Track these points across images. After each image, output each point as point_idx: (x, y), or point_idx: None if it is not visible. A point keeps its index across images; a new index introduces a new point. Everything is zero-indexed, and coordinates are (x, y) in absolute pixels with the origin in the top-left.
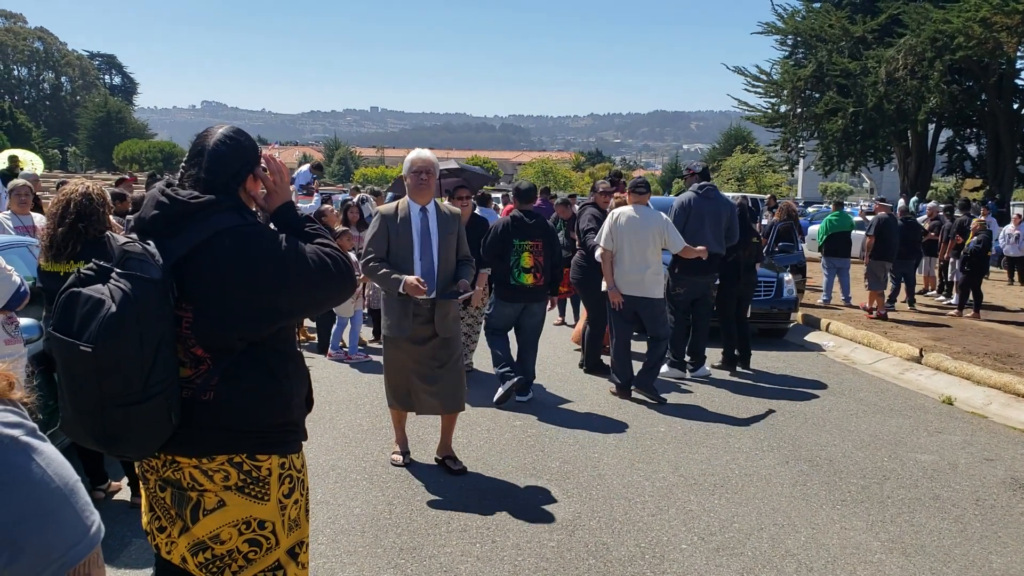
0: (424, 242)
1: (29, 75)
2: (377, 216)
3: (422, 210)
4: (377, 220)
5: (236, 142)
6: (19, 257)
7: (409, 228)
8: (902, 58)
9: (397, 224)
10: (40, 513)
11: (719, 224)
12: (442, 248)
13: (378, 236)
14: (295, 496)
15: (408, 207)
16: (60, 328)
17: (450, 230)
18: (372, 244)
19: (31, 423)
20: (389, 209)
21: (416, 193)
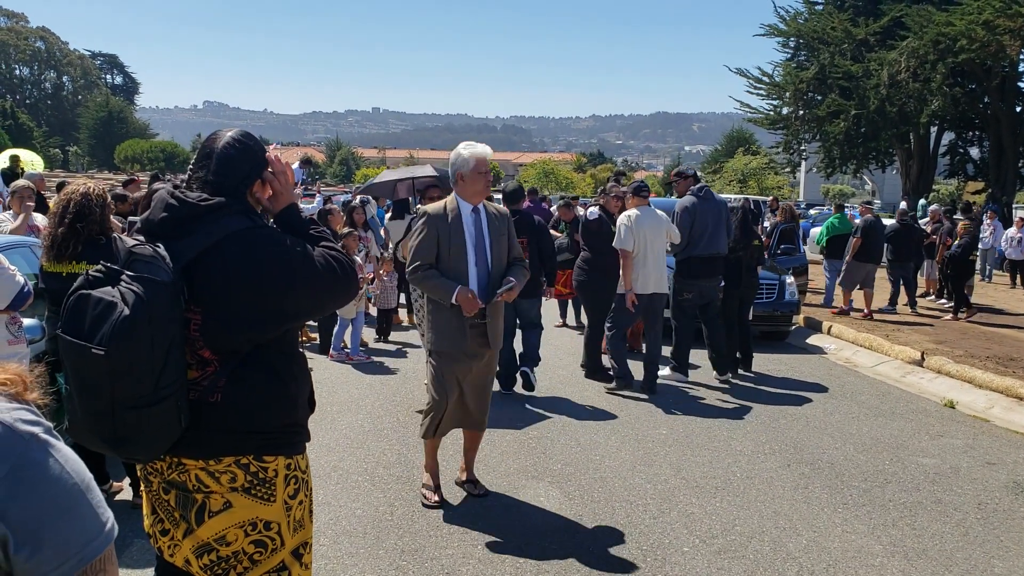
0: (478, 246)
1: (31, 74)
2: (422, 218)
3: (474, 211)
4: (423, 223)
5: (244, 146)
6: (21, 257)
7: (461, 231)
8: (904, 61)
9: (448, 226)
10: (60, 509)
11: (721, 224)
12: (495, 252)
13: (427, 241)
14: (300, 497)
15: (458, 207)
16: (70, 330)
17: (501, 231)
18: (421, 250)
19: (47, 422)
20: (436, 209)
21: (472, 193)
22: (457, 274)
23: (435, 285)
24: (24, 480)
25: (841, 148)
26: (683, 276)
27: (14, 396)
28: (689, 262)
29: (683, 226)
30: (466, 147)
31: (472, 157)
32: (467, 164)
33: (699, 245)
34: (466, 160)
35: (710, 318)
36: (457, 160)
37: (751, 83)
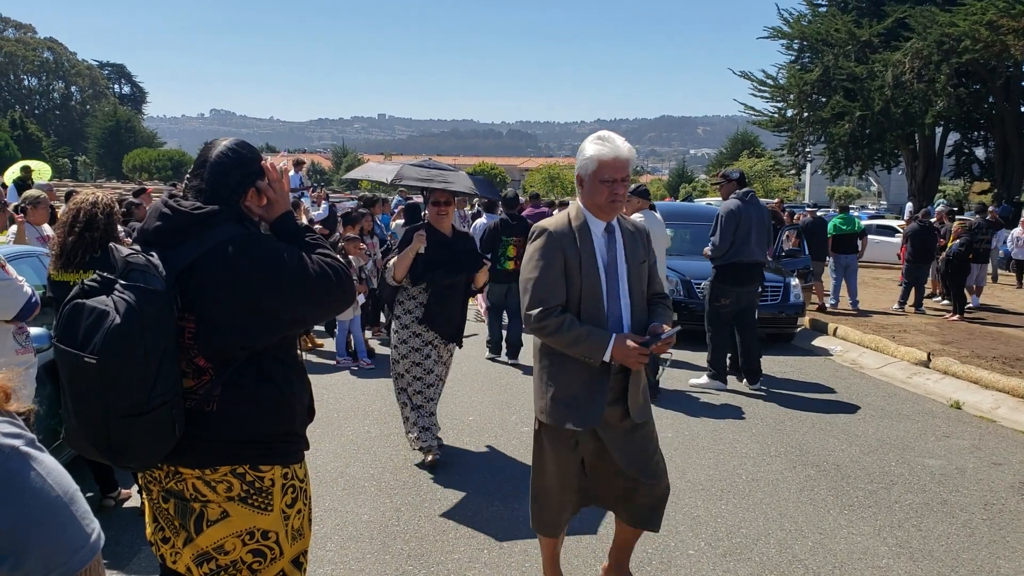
0: (612, 277)
1: (39, 85)
2: (542, 236)
3: (607, 229)
4: (543, 244)
5: (238, 154)
6: (29, 267)
7: (594, 257)
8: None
9: (577, 251)
10: (42, 521)
11: (764, 231)
12: (635, 286)
13: (553, 272)
14: (298, 506)
15: (586, 223)
16: (64, 339)
17: (640, 256)
18: (545, 285)
19: (30, 434)
20: (560, 226)
21: (595, 206)
22: (589, 318)
23: (579, 336)
24: (3, 493)
25: (846, 149)
26: (722, 282)
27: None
28: (730, 268)
29: (726, 231)
30: (593, 141)
31: (596, 158)
32: (587, 166)
33: (742, 251)
34: (587, 160)
35: (745, 325)
36: (579, 158)
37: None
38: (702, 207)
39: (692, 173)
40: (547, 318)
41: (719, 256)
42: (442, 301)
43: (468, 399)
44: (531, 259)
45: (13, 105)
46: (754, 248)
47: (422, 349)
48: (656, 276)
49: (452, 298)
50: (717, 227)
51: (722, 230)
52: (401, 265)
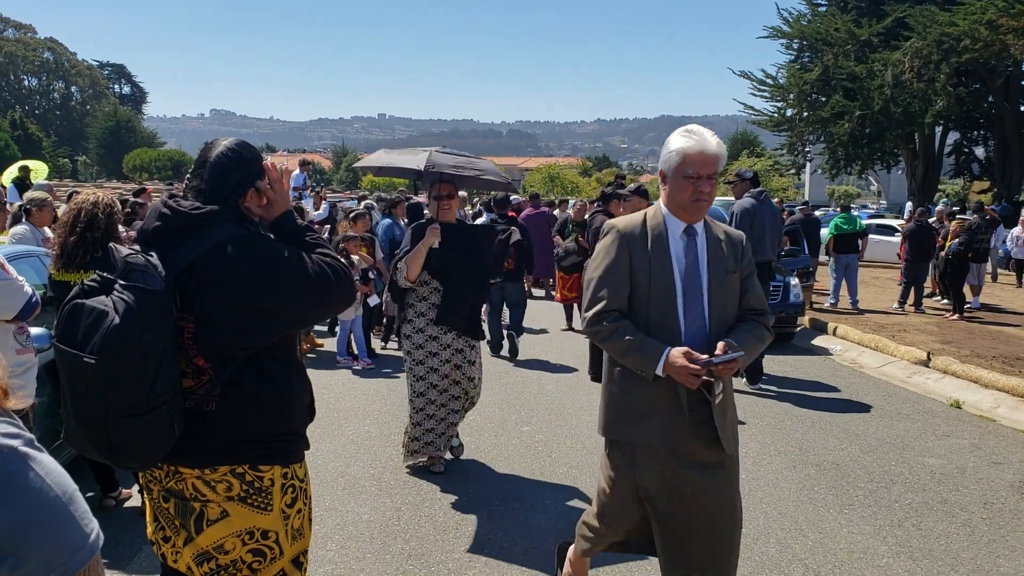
0: (691, 285)
1: (39, 85)
2: (609, 235)
3: (687, 232)
4: (609, 243)
5: (238, 154)
6: (30, 267)
7: (668, 262)
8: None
9: (647, 252)
10: (40, 521)
11: (776, 230)
12: (717, 297)
13: (616, 274)
14: (298, 506)
15: (663, 223)
16: (64, 339)
17: (728, 266)
18: (606, 287)
19: (28, 434)
20: (631, 226)
21: (677, 205)
22: (660, 328)
23: (630, 346)
24: (2, 493)
25: (846, 149)
26: None
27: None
28: None
29: (740, 228)
30: (680, 134)
31: (681, 151)
32: (671, 160)
33: (756, 250)
34: (671, 154)
35: None
36: (663, 152)
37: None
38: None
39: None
40: (600, 322)
41: None
42: (455, 297)
43: None
44: (595, 258)
45: (13, 105)
46: (767, 247)
47: (440, 353)
48: (753, 290)
49: (465, 294)
50: (731, 225)
51: (737, 228)
52: (414, 262)
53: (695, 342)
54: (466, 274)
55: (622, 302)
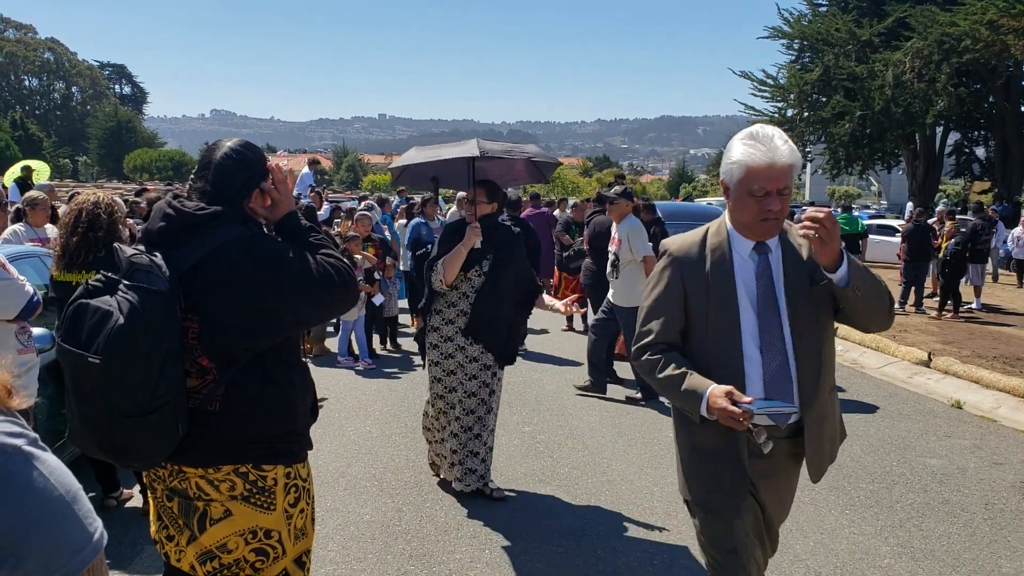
0: (766, 316)
1: (40, 85)
2: (663, 258)
3: (758, 249)
4: (661, 268)
5: (242, 155)
6: (31, 267)
7: (731, 288)
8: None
9: (706, 279)
10: (44, 521)
11: None
12: (801, 323)
13: (663, 300)
14: (301, 505)
15: (726, 242)
16: (68, 339)
17: (816, 277)
18: (649, 315)
19: (32, 433)
20: (686, 245)
21: (742, 223)
22: (720, 369)
23: (672, 381)
24: (5, 493)
25: (847, 149)
26: None
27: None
28: None
29: None
30: (744, 141)
31: (744, 163)
32: (733, 173)
33: None
34: (732, 166)
35: None
36: (724, 160)
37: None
38: (703, 207)
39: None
40: (645, 352)
41: None
42: (489, 307)
43: None
44: (647, 284)
45: (14, 105)
46: None
47: (466, 367)
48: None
49: (501, 303)
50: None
51: None
52: (452, 265)
53: (776, 385)
54: (506, 283)
55: (672, 336)
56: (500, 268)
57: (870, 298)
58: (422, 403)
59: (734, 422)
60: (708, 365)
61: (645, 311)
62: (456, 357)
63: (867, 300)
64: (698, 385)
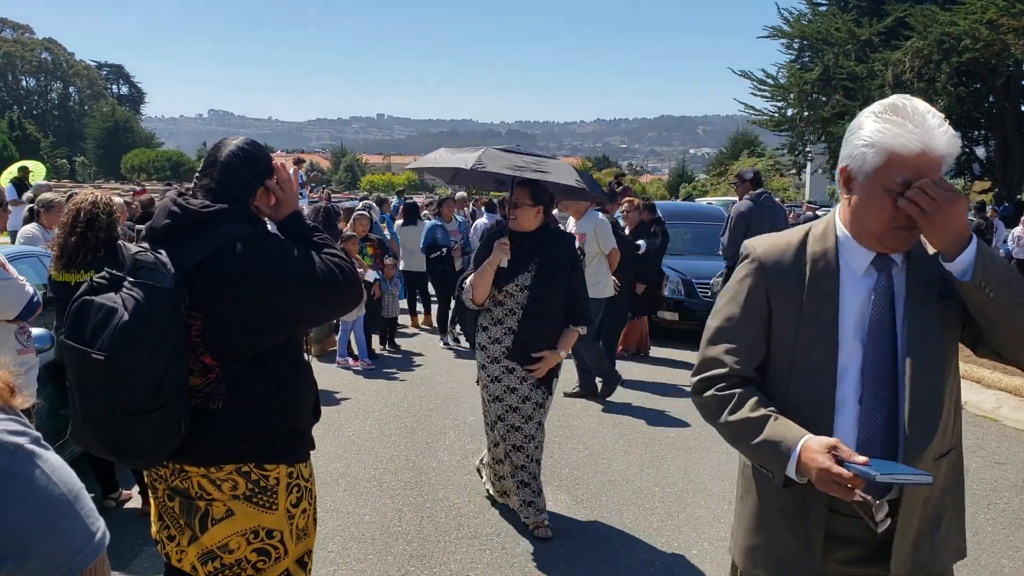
0: (877, 352)
1: (37, 85)
2: (744, 263)
3: (879, 264)
4: (746, 277)
5: (248, 154)
6: (30, 267)
7: (833, 312)
8: (909, 61)
9: (800, 296)
10: (46, 520)
11: (776, 231)
12: (920, 369)
13: (741, 319)
14: (303, 505)
15: (833, 250)
16: (72, 336)
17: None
18: (720, 337)
19: (34, 432)
20: (779, 248)
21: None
22: (804, 411)
23: (748, 426)
24: (7, 492)
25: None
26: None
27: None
28: None
29: (735, 233)
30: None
31: (884, 148)
32: (865, 158)
33: None
34: (866, 148)
35: None
36: (848, 139)
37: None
38: (702, 206)
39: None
40: (707, 390)
41: (729, 257)
42: (534, 326)
43: (467, 400)
44: (721, 296)
45: (11, 105)
46: None
47: (519, 388)
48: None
49: (547, 321)
50: (727, 228)
51: (731, 232)
52: (481, 283)
53: (873, 447)
54: (554, 299)
55: (748, 368)
56: (545, 282)
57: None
58: (421, 403)
59: (840, 489)
60: (790, 405)
61: (713, 331)
62: (503, 380)
63: (1009, 306)
64: (787, 435)
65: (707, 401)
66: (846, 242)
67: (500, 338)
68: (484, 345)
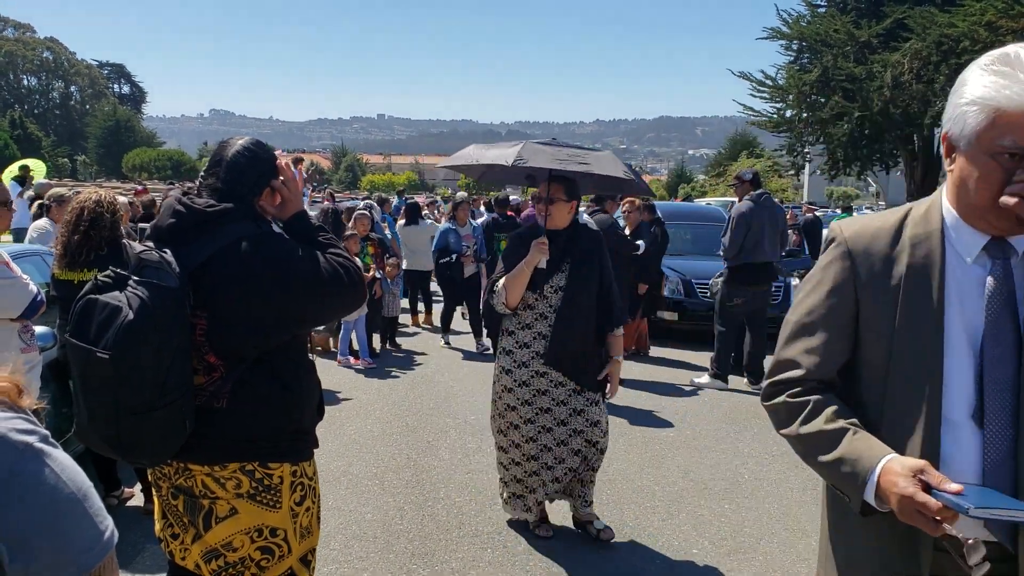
0: (998, 356)
1: (39, 84)
2: (831, 249)
3: (993, 250)
4: (831, 264)
5: (253, 153)
6: (33, 266)
7: (937, 303)
8: (908, 62)
9: (895, 288)
10: (54, 518)
11: (775, 232)
12: None
13: (822, 315)
14: (307, 504)
15: (938, 235)
16: (77, 334)
17: None
18: (797, 336)
19: (43, 430)
20: (867, 234)
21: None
22: (902, 430)
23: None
24: (16, 490)
25: (845, 150)
26: (735, 283)
27: (8, 404)
28: (742, 269)
29: (736, 234)
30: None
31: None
32: (964, 120)
33: (755, 252)
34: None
35: (759, 325)
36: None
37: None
38: (702, 207)
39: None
40: (778, 396)
41: (730, 258)
42: (569, 328)
43: (468, 399)
44: (803, 286)
45: (13, 105)
46: (766, 249)
47: (551, 391)
48: None
49: (575, 322)
50: (728, 229)
51: (732, 232)
52: (515, 286)
53: (1004, 469)
54: (588, 299)
55: (828, 371)
56: (580, 282)
57: None
58: (422, 402)
59: (925, 522)
60: (878, 433)
61: (790, 328)
62: (533, 384)
63: None
64: (866, 453)
65: (777, 408)
66: (954, 224)
67: (529, 342)
68: (510, 349)
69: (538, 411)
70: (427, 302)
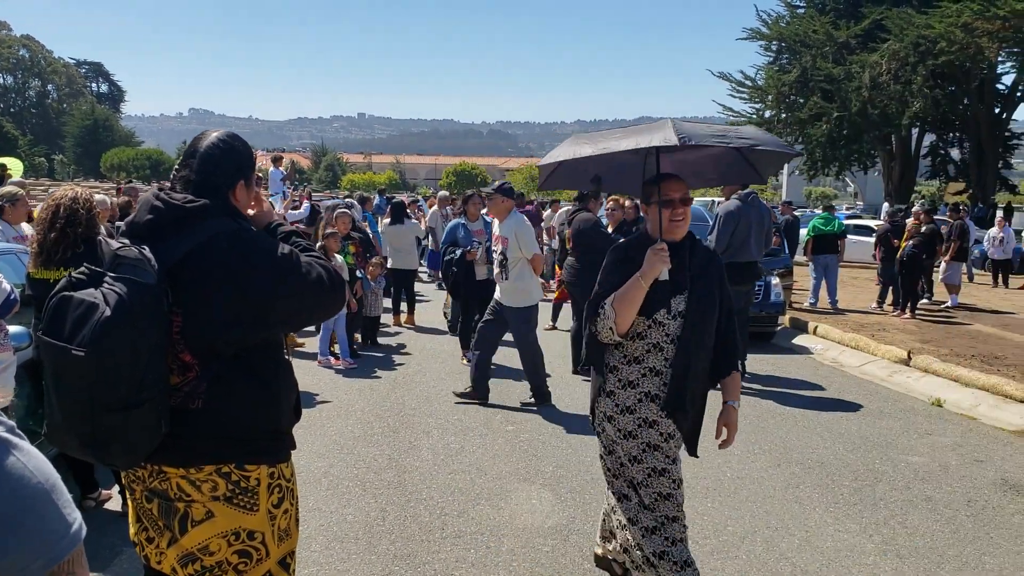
0: None
1: (15, 83)
2: None
3: None
4: None
5: (229, 145)
6: (7, 264)
7: None
8: (886, 63)
9: None
10: (22, 509)
11: (762, 231)
12: None
13: None
14: (285, 506)
15: None
16: (51, 332)
17: None
18: None
19: (9, 422)
20: None
21: None
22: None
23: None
24: None
25: (823, 150)
26: None
27: None
28: (727, 268)
29: (723, 232)
30: None
31: None
32: None
33: (741, 251)
34: None
35: (739, 325)
36: None
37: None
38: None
39: None
40: None
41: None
42: (686, 364)
43: (451, 399)
44: None
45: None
46: (752, 248)
47: (662, 447)
48: None
49: (694, 358)
50: (715, 227)
51: (719, 231)
52: (628, 306)
53: None
54: (711, 326)
55: None
56: (705, 307)
57: None
58: (404, 402)
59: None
60: None
61: None
62: (641, 436)
63: None
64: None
65: None
66: None
67: (637, 380)
68: (612, 390)
69: (651, 472)
70: (410, 302)
